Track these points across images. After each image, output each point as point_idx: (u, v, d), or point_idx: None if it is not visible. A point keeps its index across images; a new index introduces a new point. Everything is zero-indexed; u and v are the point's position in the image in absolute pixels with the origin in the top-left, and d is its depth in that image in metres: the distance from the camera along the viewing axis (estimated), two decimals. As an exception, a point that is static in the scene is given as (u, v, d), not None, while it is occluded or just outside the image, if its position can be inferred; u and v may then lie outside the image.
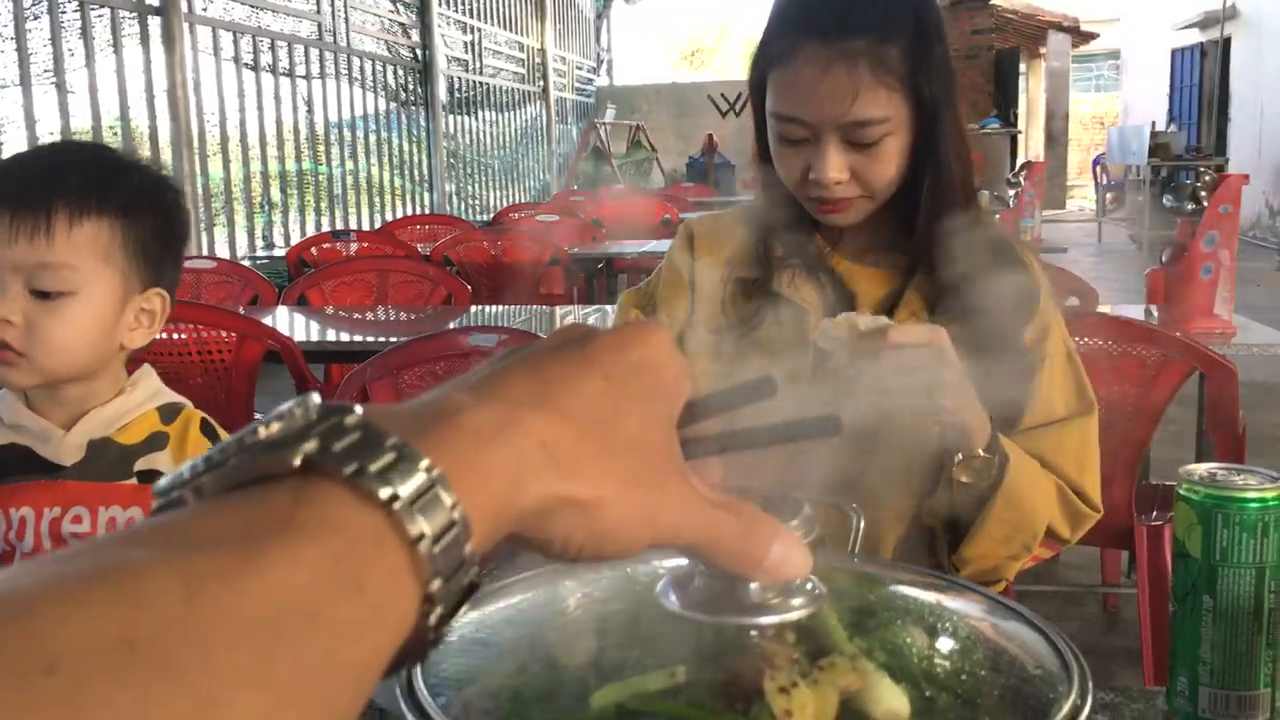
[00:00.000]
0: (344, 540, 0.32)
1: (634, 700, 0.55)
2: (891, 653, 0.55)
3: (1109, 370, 2.29)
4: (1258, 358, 2.83)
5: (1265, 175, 11.78)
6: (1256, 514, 0.89)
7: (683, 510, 0.43)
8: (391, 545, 0.33)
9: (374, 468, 0.33)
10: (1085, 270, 3.37)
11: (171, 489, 0.34)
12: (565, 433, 0.40)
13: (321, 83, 7.56)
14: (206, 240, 5.79)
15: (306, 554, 0.31)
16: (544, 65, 12.75)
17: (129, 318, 1.25)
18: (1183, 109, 16.11)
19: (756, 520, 0.46)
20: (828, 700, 0.53)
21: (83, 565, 0.28)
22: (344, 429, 0.34)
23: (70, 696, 0.24)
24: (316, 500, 0.32)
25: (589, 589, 0.61)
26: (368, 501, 0.33)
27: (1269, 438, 3.45)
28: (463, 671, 0.56)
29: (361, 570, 0.32)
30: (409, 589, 0.33)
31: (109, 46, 5.32)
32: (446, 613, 0.35)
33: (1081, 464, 1.26)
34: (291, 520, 0.31)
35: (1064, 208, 17.20)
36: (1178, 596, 0.94)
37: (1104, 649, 2.89)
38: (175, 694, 0.26)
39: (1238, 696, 0.92)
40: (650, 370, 0.44)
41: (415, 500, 0.34)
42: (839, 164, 1.21)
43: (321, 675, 0.30)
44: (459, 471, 0.35)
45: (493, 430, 0.38)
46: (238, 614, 0.28)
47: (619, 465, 0.41)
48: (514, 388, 0.40)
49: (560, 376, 0.42)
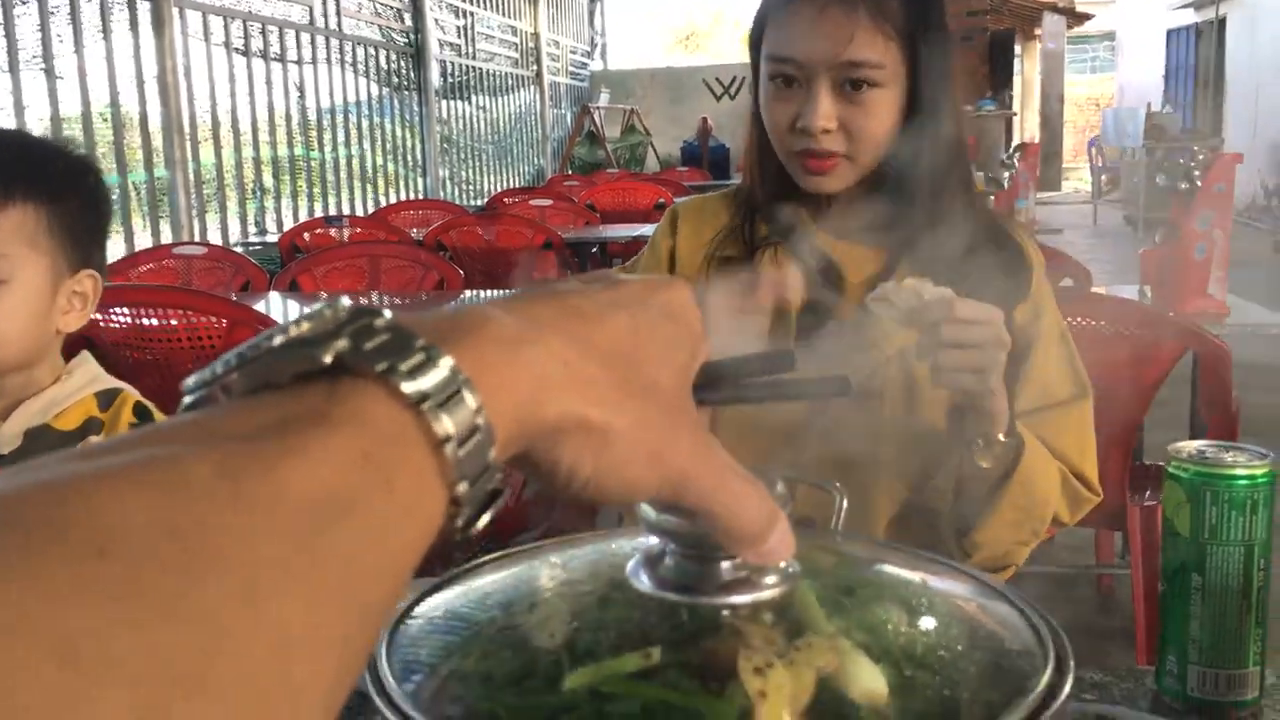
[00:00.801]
0: (375, 436, 0.32)
1: (607, 683, 0.54)
2: (869, 632, 0.54)
3: (1102, 351, 2.29)
4: (1252, 338, 2.82)
5: (1260, 156, 11.77)
6: (1245, 491, 0.89)
7: (695, 460, 0.43)
8: (419, 445, 0.34)
9: (404, 367, 0.34)
10: (1080, 252, 3.36)
11: (200, 386, 0.35)
12: (587, 359, 0.40)
13: (313, 68, 7.52)
14: (199, 226, 5.76)
15: (341, 447, 0.31)
16: (538, 49, 12.69)
17: (61, 302, 1.25)
18: (1178, 90, 16.08)
19: (765, 496, 0.46)
20: (804, 680, 0.52)
21: (123, 458, 0.28)
22: (374, 330, 0.35)
23: (120, 579, 0.24)
24: (349, 396, 0.33)
25: (560, 570, 0.60)
26: (398, 400, 0.33)
27: (1263, 418, 3.45)
28: (431, 655, 0.55)
29: (392, 467, 0.32)
30: (436, 489, 0.34)
31: (98, 32, 5.28)
32: (473, 515, 0.36)
33: (1081, 447, 1.26)
34: (327, 414, 0.32)
35: (1059, 190, 17.19)
36: (1167, 575, 0.93)
37: (1098, 630, 2.89)
38: (219, 580, 0.26)
39: (1226, 675, 0.91)
40: (674, 319, 0.45)
41: (443, 402, 0.34)
42: (828, 111, 1.20)
43: (356, 568, 0.30)
44: (483, 376, 0.36)
45: (517, 341, 0.38)
46: (277, 504, 0.28)
47: (636, 402, 0.41)
48: (540, 311, 0.41)
49: (586, 310, 0.42)
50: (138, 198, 5.59)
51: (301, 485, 0.29)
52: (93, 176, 1.30)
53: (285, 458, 0.30)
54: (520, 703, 0.53)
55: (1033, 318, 1.26)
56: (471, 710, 0.54)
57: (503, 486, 0.37)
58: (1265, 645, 0.92)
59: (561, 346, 0.39)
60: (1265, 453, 0.90)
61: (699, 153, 12.44)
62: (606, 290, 0.44)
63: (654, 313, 0.44)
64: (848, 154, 1.22)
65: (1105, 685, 0.97)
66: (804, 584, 0.55)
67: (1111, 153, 14.75)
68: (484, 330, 0.38)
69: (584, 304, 0.43)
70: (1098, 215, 13.50)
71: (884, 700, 0.53)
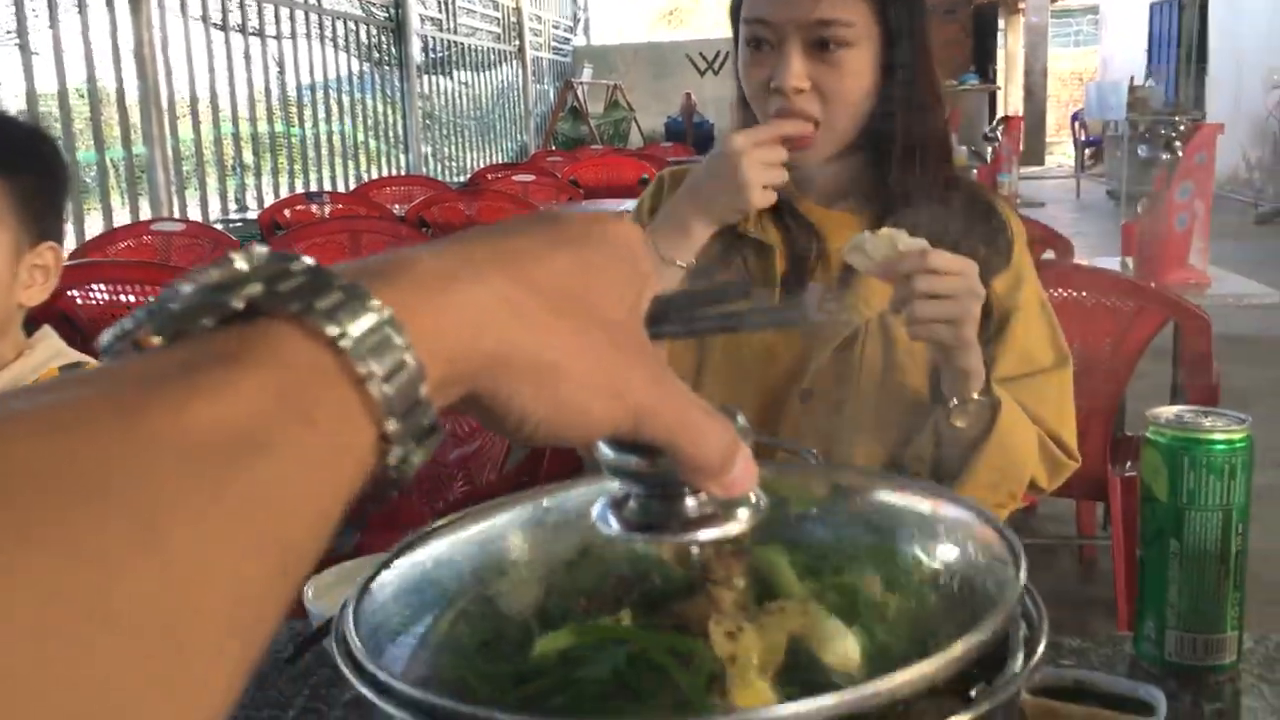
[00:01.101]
0: (292, 374, 0.31)
1: (576, 648, 0.53)
2: (843, 593, 0.54)
3: (1083, 321, 2.29)
4: (1233, 310, 2.83)
5: (1242, 129, 11.79)
6: (1223, 456, 0.88)
7: (654, 392, 0.42)
8: (340, 382, 0.33)
9: (321, 306, 0.33)
10: (1062, 226, 3.37)
11: (115, 342, 0.34)
12: (530, 297, 0.39)
13: (293, 42, 7.45)
14: (178, 203, 5.70)
15: (254, 386, 0.30)
16: (520, 24, 12.61)
17: (23, 275, 1.24)
18: (1161, 64, 16.07)
19: (726, 426, 0.45)
20: (775, 645, 0.51)
21: (26, 403, 0.28)
22: (290, 273, 0.34)
23: (17, 518, 0.24)
24: (263, 338, 0.32)
25: (525, 529, 0.60)
26: (314, 339, 0.32)
27: (1242, 390, 3.46)
28: (400, 621, 0.55)
29: (312, 404, 0.31)
30: (363, 427, 0.33)
31: (74, 6, 5.22)
32: (406, 454, 0.35)
33: (1060, 414, 1.27)
34: (238, 356, 0.31)
35: (1043, 164, 17.20)
36: (1145, 540, 0.93)
37: (1080, 600, 2.91)
38: (113, 517, 0.25)
39: (1204, 639, 0.91)
40: (620, 255, 0.44)
41: (364, 338, 0.33)
42: (800, 70, 1.20)
43: (274, 507, 0.29)
44: (412, 314, 0.35)
45: (450, 279, 0.37)
46: (182, 441, 0.28)
47: (586, 339, 0.40)
48: (476, 251, 0.39)
49: (527, 248, 0.41)
50: (116, 175, 5.54)
51: (209, 424, 0.28)
52: (48, 147, 1.29)
53: (193, 398, 0.29)
54: (491, 669, 0.53)
55: (1014, 287, 1.27)
56: (441, 678, 0.53)
57: (439, 424, 0.35)
58: (1243, 610, 0.92)
59: (502, 284, 0.38)
60: (1243, 417, 0.90)
61: (683, 129, 12.40)
62: (547, 228, 0.42)
63: (599, 248, 0.43)
64: (822, 119, 1.22)
65: (1083, 651, 0.97)
66: (774, 547, 0.55)
67: (1095, 126, 14.75)
68: (412, 270, 0.37)
69: (524, 243, 0.41)
70: (1080, 189, 13.51)
71: (856, 664, 0.52)
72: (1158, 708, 0.81)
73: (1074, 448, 1.27)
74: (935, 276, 1.06)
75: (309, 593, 0.98)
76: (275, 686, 0.99)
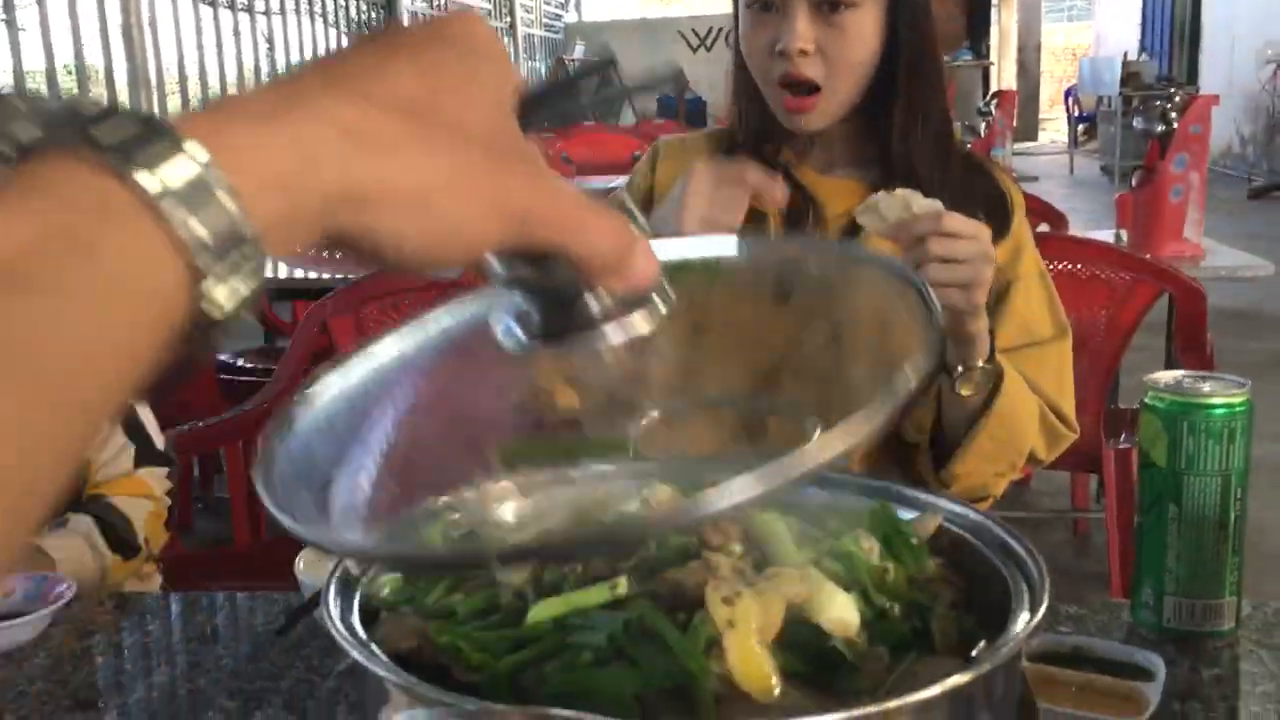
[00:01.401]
0: (70, 204, 0.29)
1: (574, 614, 0.52)
2: (840, 560, 0.53)
3: (1077, 294, 2.28)
4: (1227, 283, 2.83)
5: (1236, 103, 11.77)
6: (1222, 420, 0.88)
7: (535, 196, 0.39)
8: (134, 218, 0.30)
9: (108, 140, 0.30)
10: (1056, 200, 3.35)
11: None
12: (371, 118, 0.35)
13: (282, 18, 7.40)
14: (168, 182, 5.68)
15: (21, 220, 0.28)
16: (511, 0, 12.54)
17: None
18: (1154, 38, 16.02)
19: (620, 220, 0.42)
20: (773, 610, 0.50)
21: None
22: (78, 113, 0.31)
23: None
24: (39, 171, 0.30)
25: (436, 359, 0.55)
26: (100, 170, 0.30)
27: (1236, 363, 3.46)
28: (396, 590, 0.54)
29: (93, 234, 0.29)
30: (163, 259, 0.31)
31: (61, -17, 5.18)
32: (229, 291, 0.32)
33: (1060, 385, 1.26)
34: (3, 191, 0.29)
35: (1036, 140, 17.16)
36: (1143, 507, 0.93)
37: (1074, 572, 2.92)
38: None
39: (1203, 605, 0.91)
40: (467, 54, 0.40)
41: (162, 171, 0.31)
42: (805, 33, 1.19)
43: (50, 349, 0.27)
44: (226, 146, 0.32)
45: (270, 115, 0.34)
46: None
47: (447, 151, 0.37)
48: (303, 81, 0.36)
49: (361, 66, 0.37)
50: (105, 152, 5.50)
51: None
52: None
53: None
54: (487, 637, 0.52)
55: (1013, 257, 1.26)
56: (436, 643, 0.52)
57: (264, 256, 0.33)
58: (1242, 575, 0.92)
59: (335, 109, 0.35)
60: (1243, 381, 0.89)
61: (675, 105, 12.34)
62: (383, 40, 0.39)
63: (443, 49, 0.39)
64: (825, 83, 1.20)
65: (1080, 618, 0.97)
66: (771, 514, 0.54)
67: (1088, 102, 14.71)
68: (229, 108, 0.34)
69: (354, 61, 0.37)
70: (1074, 165, 13.48)
71: (854, 628, 0.51)
72: (1156, 673, 0.81)
73: (1073, 419, 1.26)
74: (950, 239, 1.03)
75: (300, 564, 0.97)
76: (267, 658, 0.98)
